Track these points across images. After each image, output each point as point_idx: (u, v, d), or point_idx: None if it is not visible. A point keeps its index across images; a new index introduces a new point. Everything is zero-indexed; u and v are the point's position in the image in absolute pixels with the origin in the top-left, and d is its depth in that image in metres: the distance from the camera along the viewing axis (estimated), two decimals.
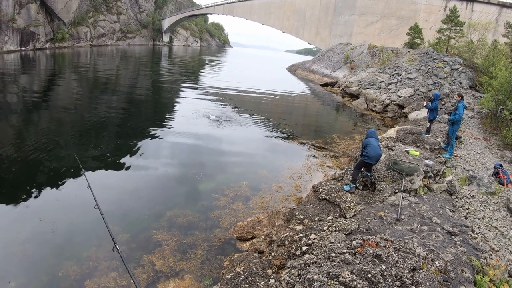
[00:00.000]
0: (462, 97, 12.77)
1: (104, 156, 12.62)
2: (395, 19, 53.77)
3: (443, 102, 21.88)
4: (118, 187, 10.32)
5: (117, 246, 4.85)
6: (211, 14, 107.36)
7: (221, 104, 23.56)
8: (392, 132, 16.07)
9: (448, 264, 5.49)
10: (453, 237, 6.58)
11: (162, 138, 15.21)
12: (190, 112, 20.12)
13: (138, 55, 68.26)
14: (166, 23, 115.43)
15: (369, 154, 9.14)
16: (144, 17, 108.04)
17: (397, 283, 4.84)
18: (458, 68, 29.51)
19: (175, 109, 20.53)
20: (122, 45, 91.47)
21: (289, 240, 7.39)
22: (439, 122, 17.38)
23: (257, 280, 5.91)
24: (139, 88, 29.45)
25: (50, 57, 48.17)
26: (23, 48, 52.86)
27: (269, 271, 6.29)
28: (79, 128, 15.68)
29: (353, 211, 8.33)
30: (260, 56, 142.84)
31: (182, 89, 30.58)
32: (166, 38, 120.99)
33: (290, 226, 8.32)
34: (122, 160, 12.30)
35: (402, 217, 7.42)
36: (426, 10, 52.18)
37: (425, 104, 15.35)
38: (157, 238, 7.84)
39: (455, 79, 28.18)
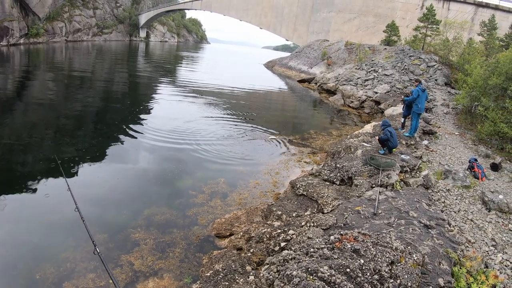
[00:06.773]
0: (419, 82, 14.11)
1: (80, 154, 12.24)
2: (372, 16, 54.33)
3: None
4: (94, 185, 10.03)
5: (97, 249, 4.74)
6: (188, 9, 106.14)
7: (197, 100, 23.31)
8: (368, 127, 16.24)
9: (426, 257, 5.55)
10: (430, 230, 6.67)
11: (139, 135, 14.90)
12: (167, 109, 19.87)
13: (114, 51, 66.92)
14: (143, 18, 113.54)
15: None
16: (121, 12, 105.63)
17: (376, 276, 4.86)
18: (434, 65, 30.13)
19: (151, 106, 20.20)
20: (98, 41, 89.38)
21: (268, 236, 7.35)
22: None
23: (237, 277, 5.85)
24: (115, 84, 28.78)
25: (24, 53, 46.61)
26: None
27: (248, 268, 6.23)
28: (54, 125, 15.22)
29: (331, 206, 8.35)
30: (237, 52, 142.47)
31: (159, 85, 30.10)
32: (143, 34, 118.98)
33: (268, 222, 8.28)
34: (98, 158, 12.01)
35: (380, 211, 7.47)
36: (403, 8, 52.96)
37: (403, 97, 15.74)
38: (135, 237, 7.67)
39: (431, 76, 28.74)
